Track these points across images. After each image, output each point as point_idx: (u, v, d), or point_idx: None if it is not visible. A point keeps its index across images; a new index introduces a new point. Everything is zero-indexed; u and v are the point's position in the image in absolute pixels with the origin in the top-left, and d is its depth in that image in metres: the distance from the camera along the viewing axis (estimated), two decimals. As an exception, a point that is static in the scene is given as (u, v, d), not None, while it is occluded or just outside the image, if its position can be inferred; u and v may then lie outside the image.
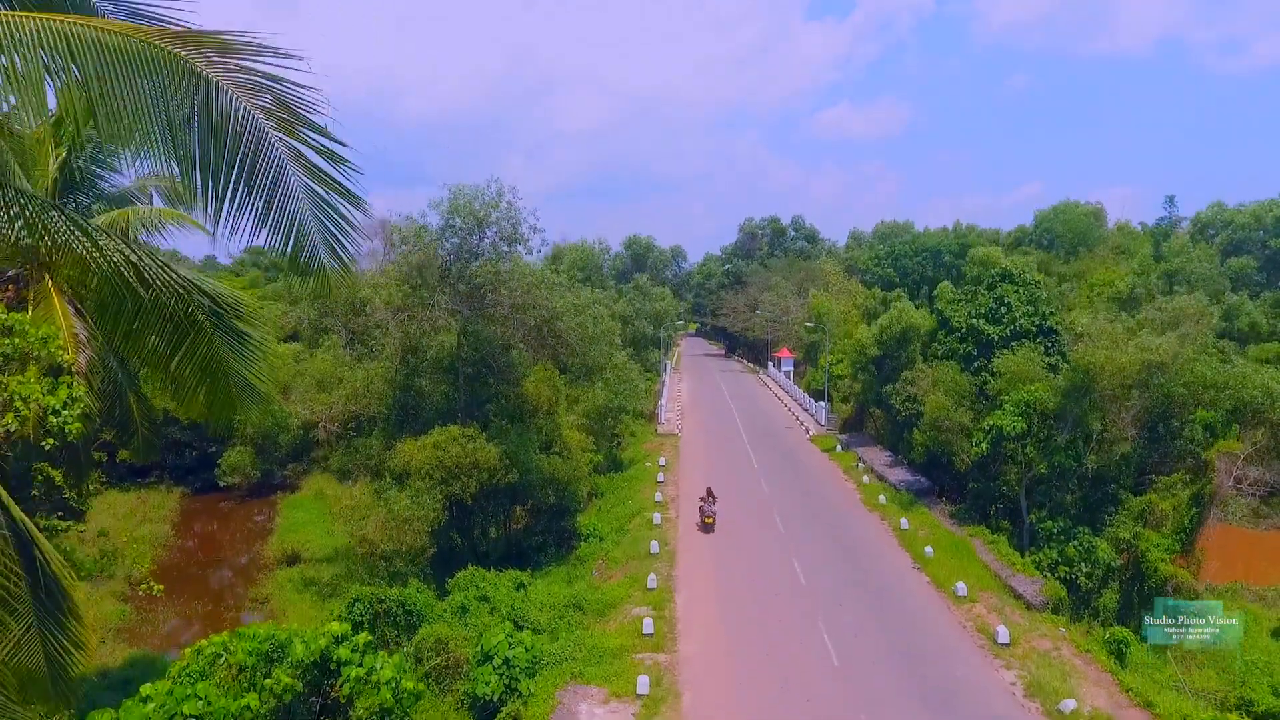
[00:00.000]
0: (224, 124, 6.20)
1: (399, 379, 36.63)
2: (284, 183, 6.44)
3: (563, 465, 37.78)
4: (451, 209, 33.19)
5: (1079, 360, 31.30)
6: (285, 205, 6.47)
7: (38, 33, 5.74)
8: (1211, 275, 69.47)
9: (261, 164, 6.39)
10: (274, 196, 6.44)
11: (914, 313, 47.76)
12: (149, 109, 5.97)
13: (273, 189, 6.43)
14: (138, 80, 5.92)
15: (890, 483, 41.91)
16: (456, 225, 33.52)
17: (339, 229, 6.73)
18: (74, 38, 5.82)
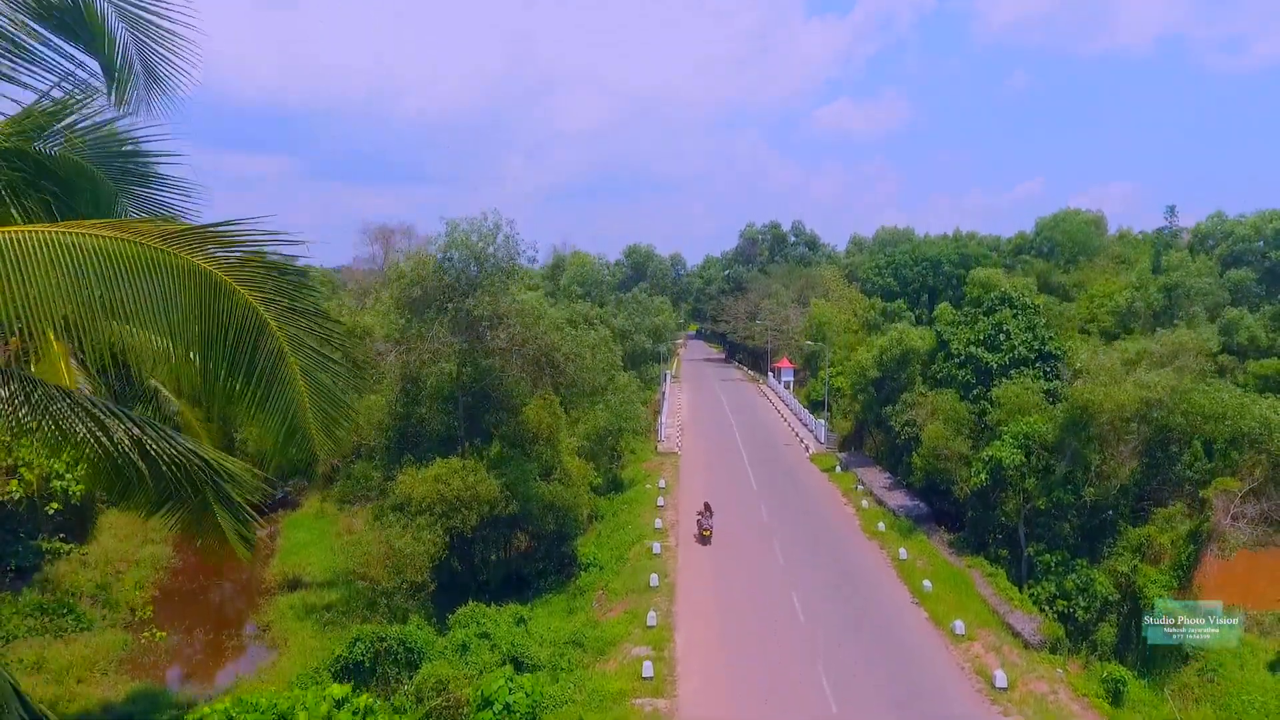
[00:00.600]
0: (225, 317, 6.30)
1: (399, 407, 36.73)
2: (283, 370, 6.53)
3: (563, 492, 37.92)
4: (449, 243, 33.32)
5: (1077, 397, 31.38)
6: (284, 391, 6.56)
7: (48, 246, 5.83)
8: (1210, 289, 69.51)
9: (262, 355, 6.48)
10: (273, 385, 6.53)
11: (914, 335, 47.85)
12: (153, 308, 6.07)
13: (272, 376, 6.52)
14: (142, 283, 6.01)
15: (889, 508, 42.01)
16: (454, 258, 33.63)
17: (335, 409, 6.81)
18: (81, 249, 5.91)
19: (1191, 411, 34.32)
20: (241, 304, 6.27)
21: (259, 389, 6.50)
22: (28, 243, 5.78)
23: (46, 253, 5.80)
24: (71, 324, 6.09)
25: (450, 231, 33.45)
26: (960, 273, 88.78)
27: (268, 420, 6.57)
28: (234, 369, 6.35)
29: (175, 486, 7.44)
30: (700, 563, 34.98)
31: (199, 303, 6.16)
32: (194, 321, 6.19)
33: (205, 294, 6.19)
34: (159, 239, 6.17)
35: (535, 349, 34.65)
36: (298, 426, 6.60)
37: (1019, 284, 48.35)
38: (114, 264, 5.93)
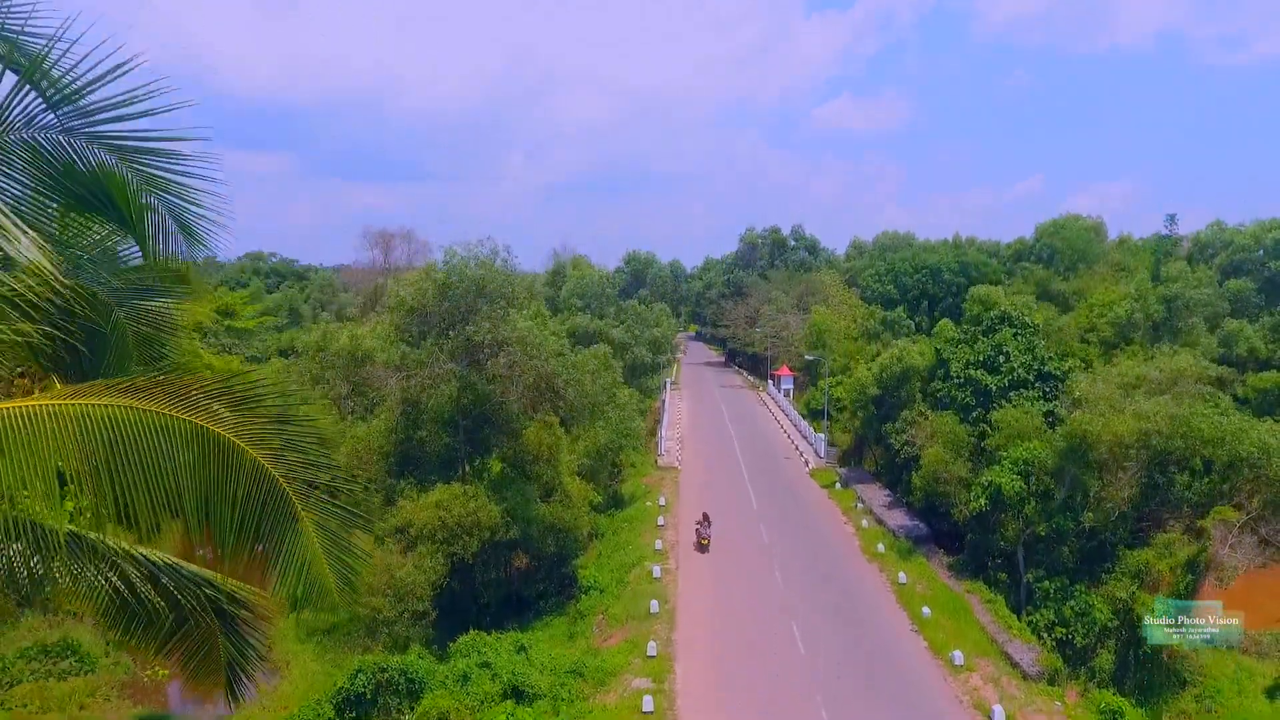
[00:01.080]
0: (233, 477, 6.36)
1: (399, 431, 36.81)
2: (295, 527, 6.59)
3: (563, 513, 38.03)
4: (448, 271, 33.41)
5: (1076, 426, 31.46)
6: (297, 547, 6.62)
7: (49, 419, 5.89)
8: (1210, 300, 69.60)
9: (271, 512, 6.54)
10: (285, 542, 6.59)
11: (914, 352, 47.90)
12: (160, 472, 6.13)
13: (284, 533, 6.59)
14: (149, 449, 6.08)
15: (889, 528, 42.11)
16: (454, 283, 33.72)
17: (351, 558, 6.88)
18: (89, 418, 5.97)
19: (1191, 435, 34.39)
20: (250, 463, 6.34)
21: (271, 546, 6.57)
22: (38, 415, 5.85)
23: (55, 424, 5.87)
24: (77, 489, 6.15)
25: (448, 259, 33.57)
26: (960, 280, 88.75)
27: (283, 578, 6.63)
28: (244, 529, 6.41)
29: (188, 619, 7.51)
30: (700, 588, 35.08)
31: (206, 465, 6.23)
32: (202, 483, 6.26)
33: (213, 455, 6.26)
34: (167, 401, 6.23)
35: (535, 376, 34.73)
36: (314, 580, 6.66)
37: (1018, 302, 48.34)
38: (121, 430, 5.99)
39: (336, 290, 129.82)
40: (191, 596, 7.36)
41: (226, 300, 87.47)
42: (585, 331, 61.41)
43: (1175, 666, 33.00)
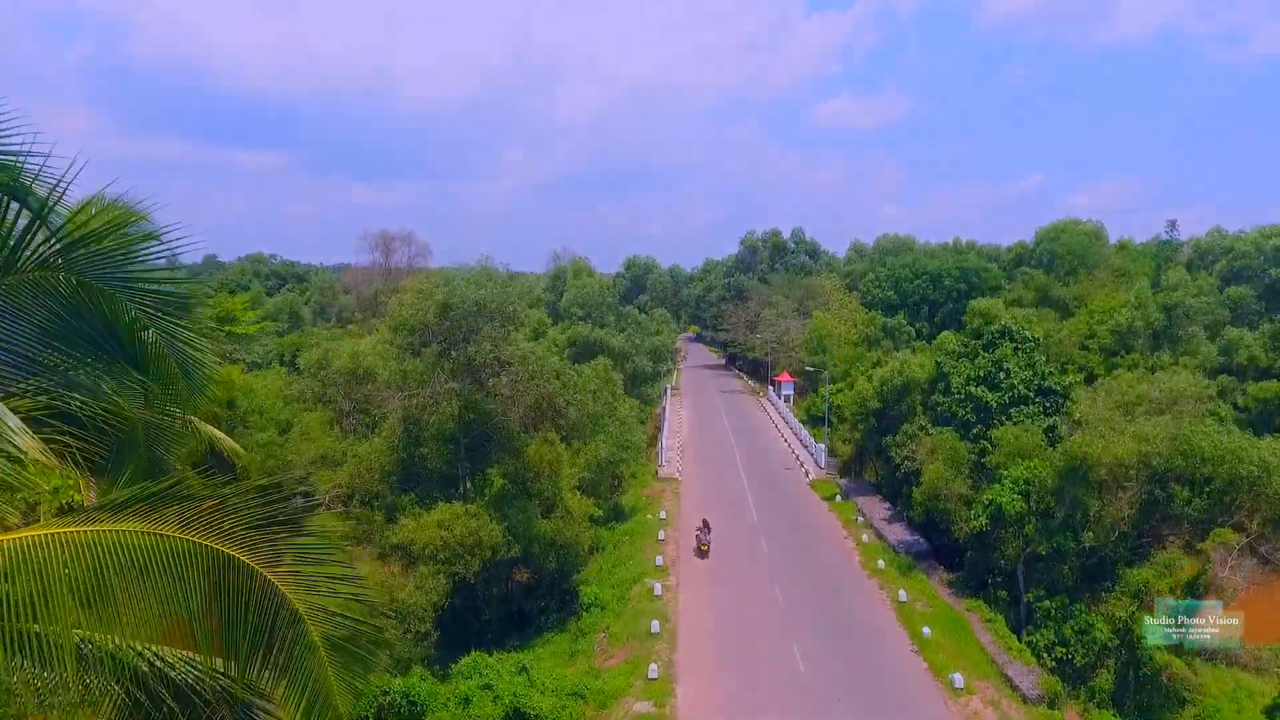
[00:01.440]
0: (244, 595, 6.43)
1: (401, 449, 36.90)
2: (304, 641, 6.65)
3: (564, 529, 38.13)
4: (449, 292, 33.49)
5: (1075, 449, 31.54)
6: (305, 660, 6.68)
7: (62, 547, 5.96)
8: (1210, 308, 69.65)
9: (281, 626, 6.60)
10: (293, 654, 6.65)
11: (914, 365, 47.96)
12: (173, 594, 6.20)
13: (293, 647, 6.65)
14: (160, 572, 6.15)
15: (889, 543, 42.20)
16: (455, 303, 33.80)
17: (358, 666, 6.95)
18: (100, 545, 6.04)
19: (1191, 454, 34.50)
20: (261, 581, 6.41)
21: (279, 658, 6.63)
22: (51, 544, 5.92)
23: (68, 553, 5.94)
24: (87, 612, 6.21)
25: (447, 282, 33.69)
26: (961, 287, 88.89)
27: (289, 691, 6.69)
28: (255, 642, 6.48)
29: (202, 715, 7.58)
30: (701, 607, 35.18)
31: (219, 587, 6.30)
32: (215, 602, 6.33)
33: (226, 576, 6.33)
34: (178, 524, 6.31)
35: (537, 395, 34.83)
36: (320, 692, 6.73)
37: (1019, 315, 48.44)
38: (133, 555, 6.07)
39: (337, 293, 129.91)
40: (206, 689, 7.42)
41: (227, 306, 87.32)
42: (586, 341, 61.50)
43: (1175, 685, 33.13)
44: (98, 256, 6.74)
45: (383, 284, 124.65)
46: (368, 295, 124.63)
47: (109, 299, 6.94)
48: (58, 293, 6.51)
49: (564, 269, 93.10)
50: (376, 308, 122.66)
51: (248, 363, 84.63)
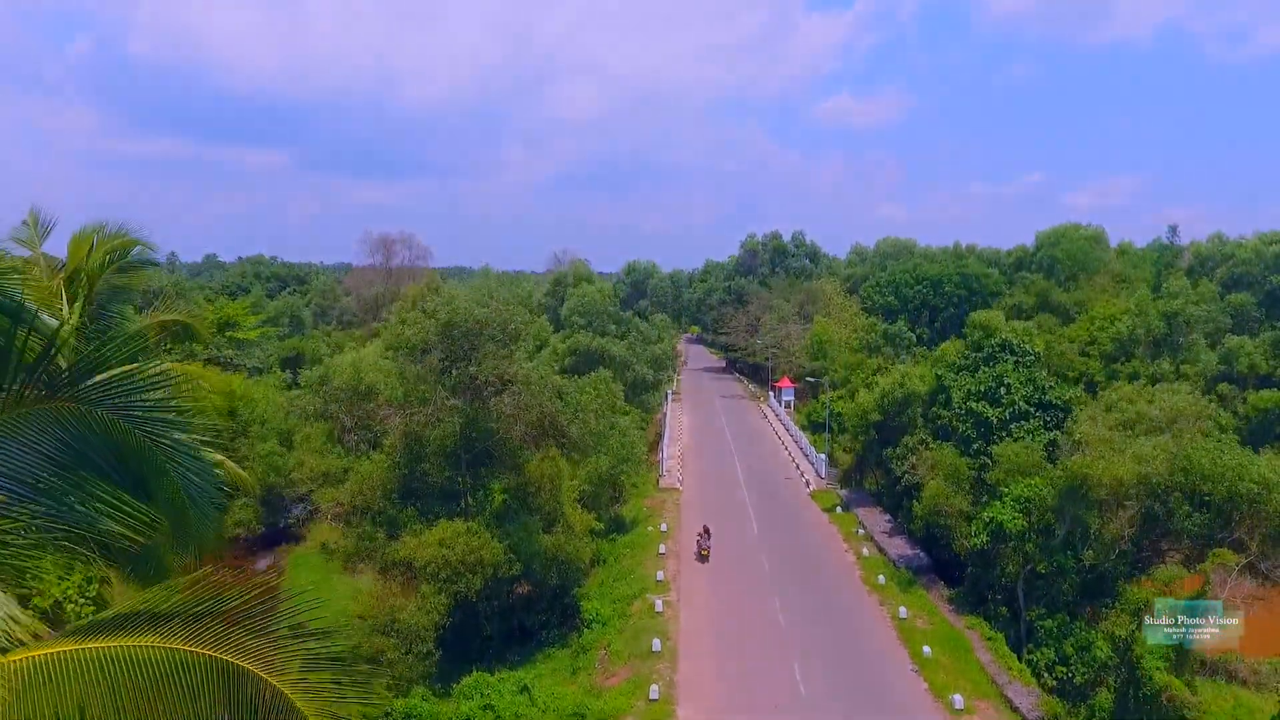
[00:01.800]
0: (256, 705, 6.50)
1: (402, 466, 37.01)
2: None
3: (565, 544, 38.22)
4: (451, 311, 33.60)
5: (1075, 470, 31.62)
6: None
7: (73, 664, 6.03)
8: (1211, 315, 69.72)
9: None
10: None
11: (915, 376, 48.06)
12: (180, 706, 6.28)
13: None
14: (172, 683, 6.22)
15: (890, 557, 42.30)
16: (457, 322, 33.90)
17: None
18: (117, 660, 6.12)
19: (1190, 471, 34.58)
20: (270, 690, 6.48)
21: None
22: (62, 661, 6.00)
23: (78, 669, 6.01)
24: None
25: (449, 302, 33.83)
26: (961, 293, 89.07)
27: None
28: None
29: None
30: (702, 624, 35.29)
31: (229, 697, 6.37)
32: (226, 710, 6.40)
33: (235, 686, 6.40)
34: (185, 636, 6.38)
35: (539, 414, 34.95)
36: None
37: (1019, 328, 48.47)
38: (143, 670, 6.15)
39: (338, 295, 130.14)
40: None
41: (227, 311, 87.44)
42: (587, 350, 61.55)
43: (1175, 705, 33.21)
44: (108, 388, 6.79)
45: (383, 287, 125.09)
46: (369, 298, 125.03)
47: (117, 427, 6.99)
48: (66, 420, 6.58)
49: (564, 275, 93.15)
50: (378, 311, 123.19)
51: (249, 368, 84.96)
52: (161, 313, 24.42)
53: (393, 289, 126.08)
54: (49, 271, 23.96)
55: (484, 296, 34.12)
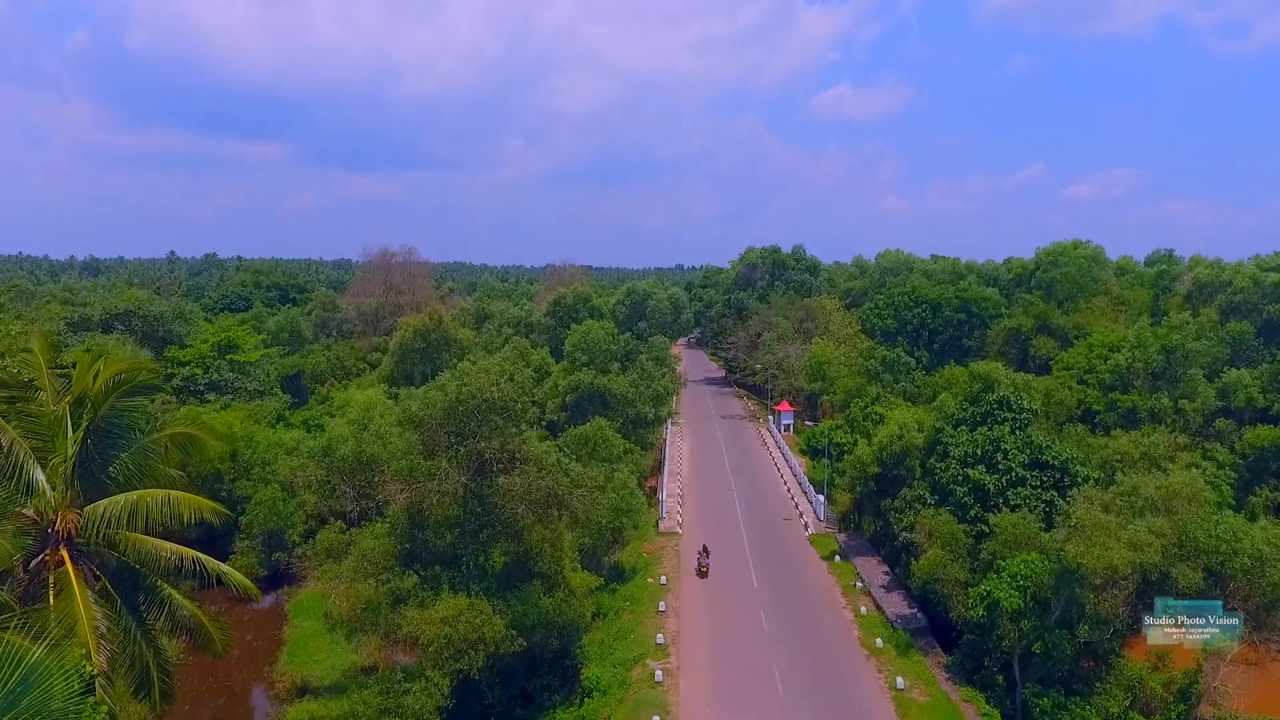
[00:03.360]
0: None
1: (403, 534, 37.38)
2: None
3: (565, 609, 38.75)
4: (459, 389, 33.92)
5: (1070, 558, 31.92)
6: None
7: None
8: (1209, 349, 69.90)
9: None
10: None
11: (913, 429, 48.29)
12: None
13: None
14: None
15: (888, 616, 42.69)
16: (465, 399, 34.22)
17: None
18: None
19: (1186, 544, 34.97)
20: None
21: None
22: None
23: None
24: None
25: (459, 376, 34.16)
26: (960, 317, 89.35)
27: None
28: None
29: None
30: (701, 696, 35.63)
31: None
32: None
33: None
34: None
35: (545, 494, 35.38)
36: None
37: (1019, 382, 48.68)
38: None
39: (338, 306, 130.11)
40: None
41: (228, 335, 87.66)
42: (589, 388, 61.86)
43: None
44: None
45: (383, 299, 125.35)
46: (369, 310, 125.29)
47: None
48: None
49: (564, 295, 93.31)
50: (377, 323, 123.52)
51: (250, 391, 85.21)
52: (170, 427, 24.71)
53: (393, 300, 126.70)
54: (54, 395, 24.28)
55: (495, 375, 34.41)
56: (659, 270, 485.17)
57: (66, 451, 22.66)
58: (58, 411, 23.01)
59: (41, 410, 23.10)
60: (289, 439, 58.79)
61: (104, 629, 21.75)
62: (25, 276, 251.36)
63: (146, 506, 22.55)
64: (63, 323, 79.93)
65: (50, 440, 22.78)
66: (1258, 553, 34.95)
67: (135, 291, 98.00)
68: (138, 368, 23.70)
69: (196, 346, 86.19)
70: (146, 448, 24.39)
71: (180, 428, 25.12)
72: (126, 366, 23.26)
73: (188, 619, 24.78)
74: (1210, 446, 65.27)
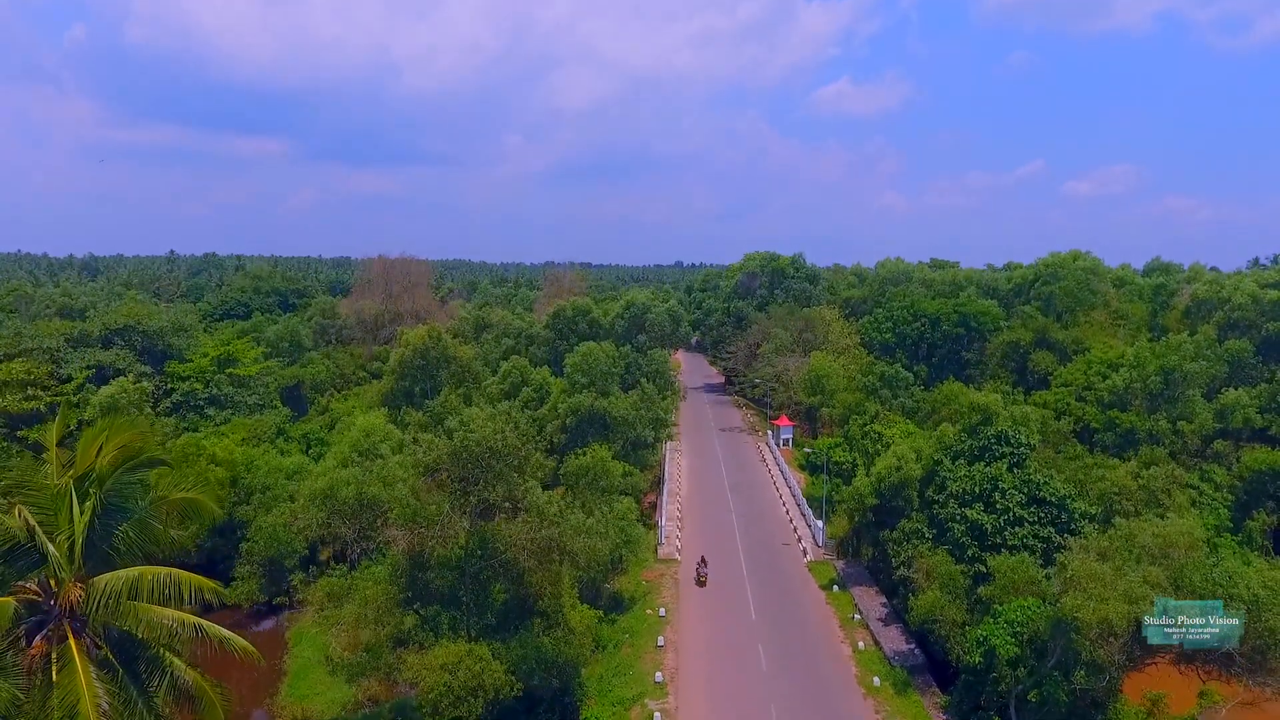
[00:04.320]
0: None
1: (404, 577, 37.54)
2: None
3: (565, 647, 38.93)
4: (463, 437, 34.12)
5: (1066, 611, 32.11)
6: None
7: None
8: (1206, 371, 69.98)
9: None
10: None
11: (911, 461, 48.47)
12: None
13: None
14: None
15: (885, 653, 42.92)
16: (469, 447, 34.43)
17: None
18: None
19: (1182, 587, 35.18)
20: None
21: None
22: None
23: None
24: None
25: (463, 426, 34.39)
26: (959, 331, 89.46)
27: None
28: None
29: None
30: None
31: None
32: None
33: None
34: None
35: (546, 542, 35.59)
36: None
37: (1016, 416, 48.81)
38: None
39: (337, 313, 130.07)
40: None
41: (228, 349, 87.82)
42: (589, 411, 61.99)
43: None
44: None
45: (383, 307, 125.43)
46: (369, 317, 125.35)
47: None
48: None
49: (564, 308, 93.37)
50: (377, 332, 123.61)
51: (250, 405, 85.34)
52: (171, 493, 24.81)
53: (392, 309, 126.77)
54: (59, 469, 24.39)
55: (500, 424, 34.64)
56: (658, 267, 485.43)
57: (73, 529, 22.78)
58: (62, 485, 23.12)
59: (46, 484, 23.23)
60: (288, 464, 58.88)
61: (106, 706, 21.90)
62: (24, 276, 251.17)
63: (149, 583, 22.70)
64: (62, 339, 79.99)
65: (53, 515, 22.90)
66: (1254, 597, 35.20)
67: (135, 305, 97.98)
68: (143, 442, 23.81)
69: (196, 361, 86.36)
70: (148, 516, 24.52)
71: (180, 493, 25.19)
72: (131, 439, 23.37)
73: (189, 686, 24.93)
74: (1208, 468, 65.52)
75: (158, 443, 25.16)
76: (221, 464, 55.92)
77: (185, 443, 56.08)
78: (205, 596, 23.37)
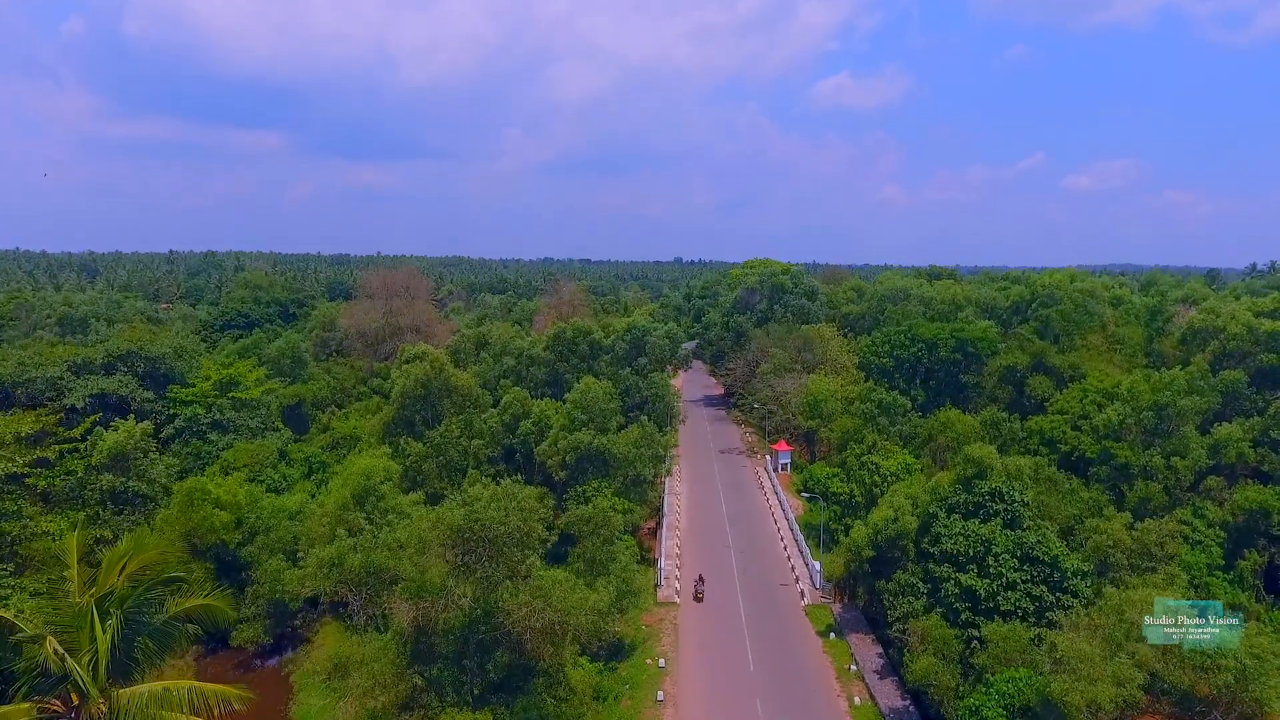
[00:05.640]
0: None
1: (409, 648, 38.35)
2: None
3: (566, 709, 39.88)
4: (466, 515, 34.84)
5: (1055, 695, 32.90)
6: None
7: None
8: (1200, 406, 70.58)
9: None
10: None
11: (907, 512, 49.22)
12: None
13: None
14: None
15: (881, 709, 43.69)
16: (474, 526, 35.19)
17: None
18: None
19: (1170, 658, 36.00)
20: None
21: None
22: None
23: None
24: None
25: (470, 501, 35.13)
26: (956, 357, 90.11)
27: None
28: None
29: None
30: None
31: None
32: None
33: None
34: None
35: (549, 624, 36.40)
36: None
37: (1011, 469, 49.46)
38: None
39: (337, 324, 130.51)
40: None
41: (229, 372, 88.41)
42: (589, 448, 62.70)
43: None
44: None
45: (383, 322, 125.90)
46: (369, 331, 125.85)
47: None
48: None
49: (564, 330, 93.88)
50: (378, 346, 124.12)
51: (251, 428, 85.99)
52: (187, 602, 25.51)
53: (393, 323, 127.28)
54: (80, 587, 25.08)
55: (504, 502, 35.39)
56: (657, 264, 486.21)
57: (97, 647, 23.44)
58: (84, 604, 23.81)
59: (68, 603, 23.93)
60: (291, 505, 59.54)
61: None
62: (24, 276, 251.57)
63: (174, 697, 23.40)
64: (65, 366, 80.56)
65: (75, 633, 23.61)
66: (1241, 668, 36.01)
67: (136, 330, 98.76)
68: (163, 560, 24.54)
69: (198, 385, 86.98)
70: (167, 625, 25.26)
71: (196, 600, 25.90)
72: (153, 559, 24.08)
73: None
74: (1201, 504, 66.27)
75: (178, 560, 25.60)
76: (226, 507, 56.64)
77: (190, 487, 56.73)
78: (207, 628, 24.00)
